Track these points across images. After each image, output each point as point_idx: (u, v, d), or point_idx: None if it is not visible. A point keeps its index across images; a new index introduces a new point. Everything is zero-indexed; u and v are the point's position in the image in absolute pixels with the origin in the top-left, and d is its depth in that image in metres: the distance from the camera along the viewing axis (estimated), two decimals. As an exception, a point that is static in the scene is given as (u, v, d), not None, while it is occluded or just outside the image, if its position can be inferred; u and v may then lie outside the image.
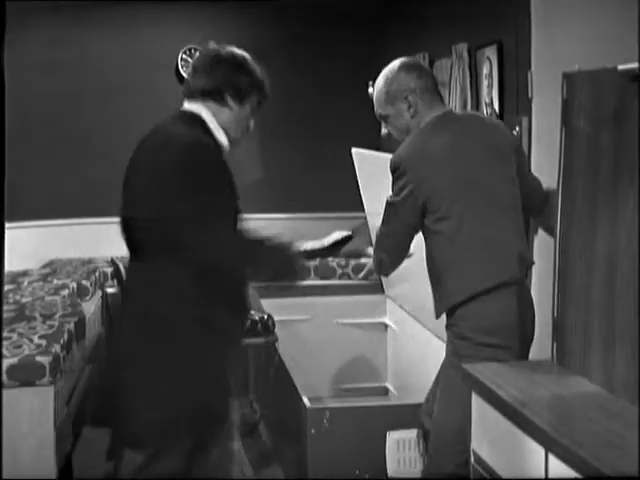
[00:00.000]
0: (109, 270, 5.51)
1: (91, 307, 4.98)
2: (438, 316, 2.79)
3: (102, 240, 6.11)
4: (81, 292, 5.04)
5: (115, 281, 4.98)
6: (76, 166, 6.13)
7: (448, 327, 2.75)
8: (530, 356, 3.45)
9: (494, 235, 2.65)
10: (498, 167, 2.71)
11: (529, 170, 2.96)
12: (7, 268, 4.54)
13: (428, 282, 2.82)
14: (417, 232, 2.75)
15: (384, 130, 2.89)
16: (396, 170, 2.67)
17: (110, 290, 5.39)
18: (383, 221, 2.76)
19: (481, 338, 2.61)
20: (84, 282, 5.13)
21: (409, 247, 2.77)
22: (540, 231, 3.00)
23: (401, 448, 3.42)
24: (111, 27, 6.20)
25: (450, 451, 2.67)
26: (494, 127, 2.91)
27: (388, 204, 2.72)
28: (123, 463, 3.29)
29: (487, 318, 2.61)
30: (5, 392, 2.94)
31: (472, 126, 2.82)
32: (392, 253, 2.80)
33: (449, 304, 2.69)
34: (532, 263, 2.82)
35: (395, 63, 2.88)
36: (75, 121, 6.13)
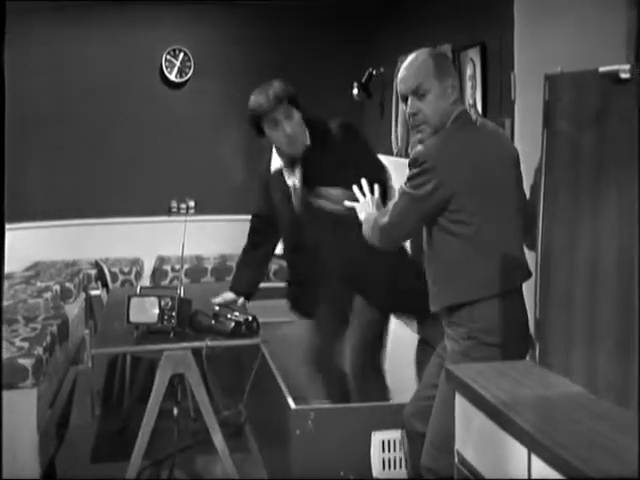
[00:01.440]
0: (93, 272, 5.49)
1: (74, 309, 4.97)
2: (435, 309, 2.81)
3: (86, 242, 6.10)
4: (64, 294, 5.02)
5: (99, 283, 4.97)
6: (58, 169, 6.10)
7: (452, 325, 2.76)
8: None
9: (508, 240, 2.71)
10: (511, 173, 2.75)
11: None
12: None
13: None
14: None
15: (410, 109, 2.71)
16: (422, 164, 2.63)
17: (94, 292, 5.37)
18: (396, 211, 2.71)
19: (488, 338, 2.65)
20: (67, 284, 5.11)
21: (409, 238, 2.81)
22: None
23: (386, 448, 3.42)
24: (95, 28, 6.18)
25: (448, 449, 2.69)
26: (504, 134, 3.02)
27: (406, 195, 2.68)
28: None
29: (495, 320, 2.66)
30: (-13, 395, 2.92)
31: (489, 130, 2.83)
32: (397, 241, 2.87)
33: (450, 302, 2.73)
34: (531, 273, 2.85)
35: (425, 49, 2.89)
36: (59, 123, 6.11)
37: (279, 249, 4.40)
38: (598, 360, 2.04)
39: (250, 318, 3.55)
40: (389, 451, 3.44)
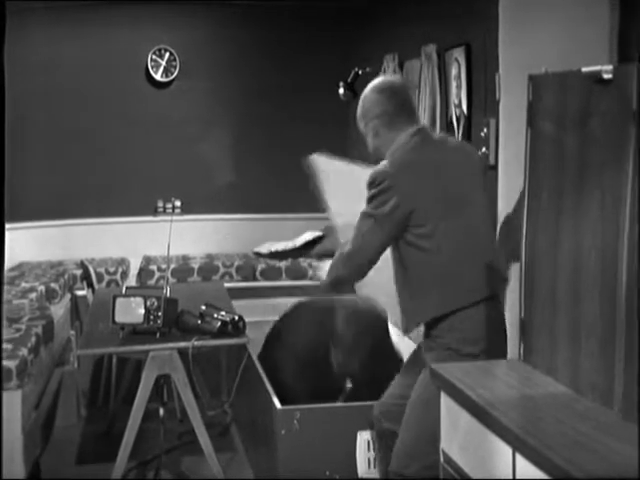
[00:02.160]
0: (79, 272, 5.47)
1: (60, 310, 4.94)
2: (409, 331, 2.83)
3: (72, 242, 6.08)
4: (49, 295, 4.99)
5: (85, 283, 4.94)
6: (42, 169, 6.07)
7: (431, 337, 2.77)
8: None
9: (478, 250, 2.73)
10: (476, 183, 2.79)
11: None
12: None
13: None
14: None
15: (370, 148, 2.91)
16: (380, 184, 2.66)
17: (79, 293, 5.35)
18: (360, 235, 2.72)
19: (467, 349, 2.67)
20: (53, 285, 5.08)
21: (376, 262, 2.78)
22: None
23: (371, 448, 3.43)
24: (80, 28, 6.15)
25: (422, 452, 2.69)
26: (465, 145, 3.08)
27: (368, 216, 2.69)
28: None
29: (474, 330, 2.68)
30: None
31: (449, 143, 2.90)
32: (364, 267, 2.79)
33: (430, 317, 2.74)
34: (506, 279, 2.87)
35: (373, 83, 2.91)
36: (42, 123, 6.08)
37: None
38: (581, 360, 2.05)
39: (236, 317, 3.55)
40: (375, 450, 3.44)
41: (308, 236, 5.65)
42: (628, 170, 1.82)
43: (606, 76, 1.89)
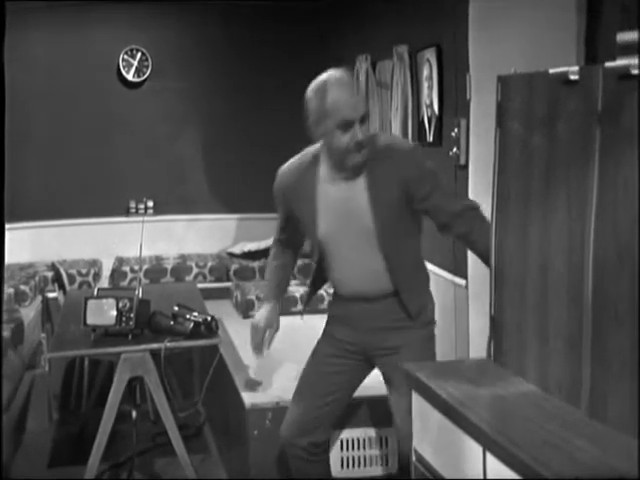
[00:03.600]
0: (50, 274, 5.42)
1: (30, 312, 4.90)
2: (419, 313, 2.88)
3: (42, 244, 6.02)
4: (19, 297, 4.95)
5: (56, 285, 4.91)
6: (11, 169, 5.98)
7: (419, 316, 2.84)
8: (471, 355, 3.51)
9: None
10: None
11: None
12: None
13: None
14: None
15: (360, 135, 2.64)
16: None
17: (51, 295, 5.30)
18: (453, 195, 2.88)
19: (434, 315, 2.91)
20: (22, 287, 5.04)
21: None
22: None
23: (344, 447, 3.44)
24: (51, 28, 6.10)
25: None
26: None
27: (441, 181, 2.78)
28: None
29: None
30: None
31: None
32: None
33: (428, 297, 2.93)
34: None
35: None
36: (11, 122, 6.00)
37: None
38: (549, 359, 2.07)
39: (209, 318, 3.54)
40: (347, 450, 3.45)
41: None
42: (593, 171, 1.84)
43: (572, 77, 1.91)
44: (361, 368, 2.94)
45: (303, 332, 3.58)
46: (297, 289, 4.96)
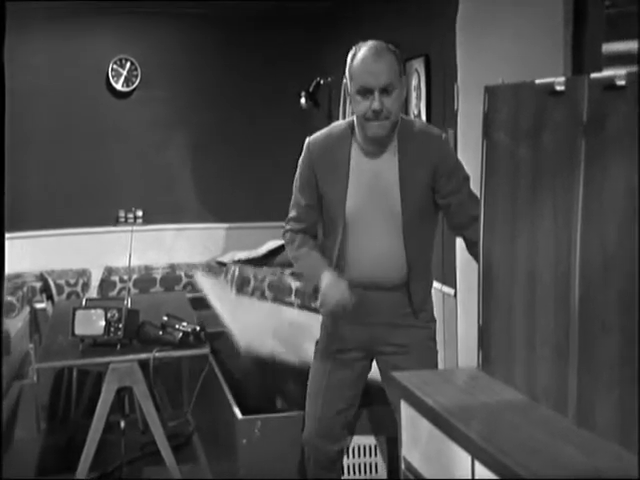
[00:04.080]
0: (38, 285, 5.40)
1: (18, 323, 4.88)
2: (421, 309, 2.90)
3: (30, 254, 6.00)
4: (6, 308, 4.93)
5: (44, 296, 4.89)
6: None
7: (421, 313, 2.86)
8: (460, 364, 3.52)
9: None
10: None
11: None
12: None
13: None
14: None
15: (377, 105, 2.62)
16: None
17: (39, 305, 5.28)
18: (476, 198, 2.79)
19: (433, 317, 2.93)
20: (9, 298, 5.02)
21: None
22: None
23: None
24: (41, 37, 6.10)
25: None
26: None
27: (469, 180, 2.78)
28: None
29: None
30: None
31: None
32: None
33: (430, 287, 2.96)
34: None
35: (381, 44, 2.70)
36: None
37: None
38: (536, 367, 2.07)
39: (198, 328, 3.54)
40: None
41: (271, 245, 5.64)
42: (579, 181, 1.85)
43: (558, 88, 1.93)
44: (366, 369, 2.98)
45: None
46: (292, 279, 4.93)
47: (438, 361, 2.97)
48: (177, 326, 3.54)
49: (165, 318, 3.59)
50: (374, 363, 2.98)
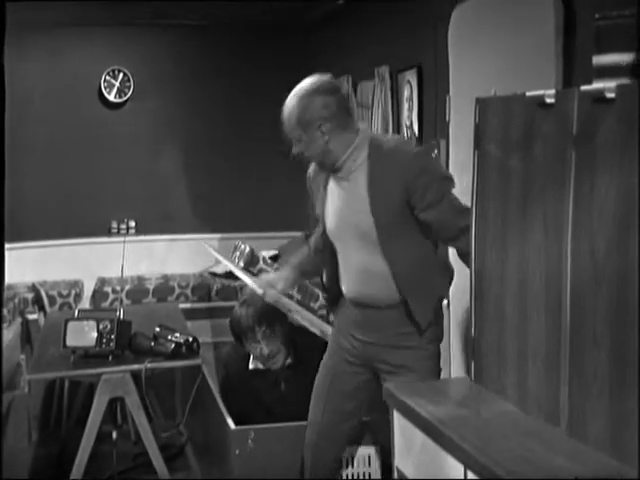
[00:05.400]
0: (30, 296, 5.39)
1: (9, 334, 4.85)
2: (426, 321, 2.81)
3: (22, 265, 5.98)
4: (-2, 320, 4.91)
5: (36, 307, 4.88)
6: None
7: (421, 332, 2.79)
8: (452, 374, 3.52)
9: None
10: None
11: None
12: None
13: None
14: None
15: (295, 149, 2.76)
16: (429, 153, 2.94)
17: (31, 317, 5.26)
18: (453, 197, 2.72)
19: (441, 334, 2.87)
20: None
21: None
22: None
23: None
24: (34, 49, 6.10)
25: None
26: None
27: (447, 179, 2.72)
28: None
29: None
30: None
31: None
32: None
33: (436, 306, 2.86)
34: None
35: (306, 85, 2.78)
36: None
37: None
38: (528, 379, 2.08)
39: (190, 339, 3.54)
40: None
41: (264, 255, 5.63)
42: (569, 192, 1.86)
43: (548, 100, 1.94)
44: (368, 383, 2.95)
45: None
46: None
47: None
48: (169, 337, 3.53)
49: (157, 329, 3.58)
50: None
